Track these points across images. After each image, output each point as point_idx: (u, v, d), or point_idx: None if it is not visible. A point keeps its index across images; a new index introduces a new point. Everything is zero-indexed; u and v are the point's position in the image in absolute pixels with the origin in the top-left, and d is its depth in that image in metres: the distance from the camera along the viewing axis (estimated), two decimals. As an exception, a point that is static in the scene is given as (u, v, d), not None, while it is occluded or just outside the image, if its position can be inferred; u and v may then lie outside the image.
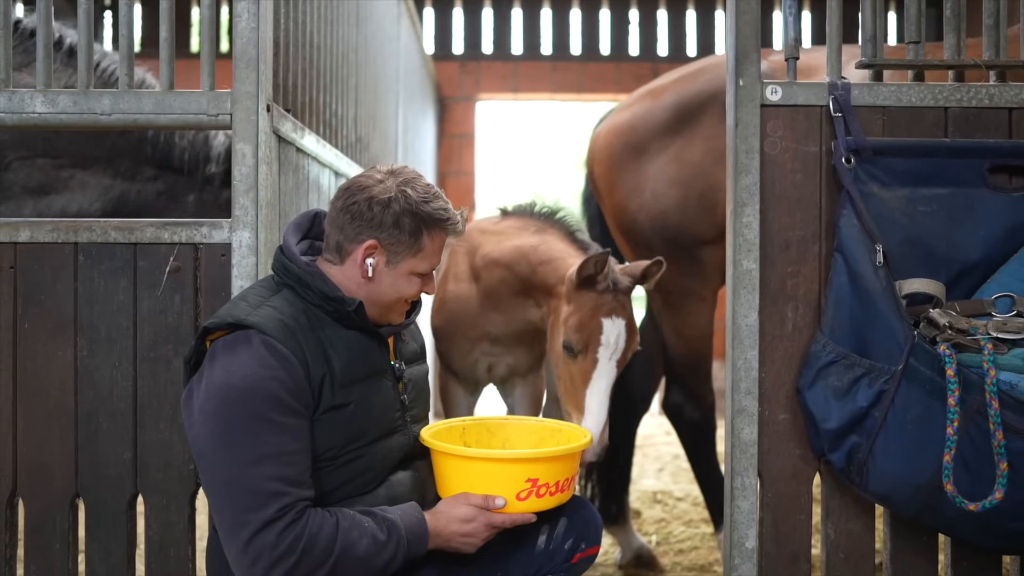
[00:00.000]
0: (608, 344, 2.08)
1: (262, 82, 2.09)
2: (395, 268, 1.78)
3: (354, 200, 1.76)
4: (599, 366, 2.07)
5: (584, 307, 2.10)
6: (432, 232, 1.78)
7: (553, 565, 1.95)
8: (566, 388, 2.10)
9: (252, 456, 1.60)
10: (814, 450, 2.09)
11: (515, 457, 1.81)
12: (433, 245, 1.79)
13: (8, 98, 2.10)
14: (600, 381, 2.07)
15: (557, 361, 2.15)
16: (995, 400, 1.83)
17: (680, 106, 3.07)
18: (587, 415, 2.07)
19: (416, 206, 1.75)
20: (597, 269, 2.10)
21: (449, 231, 1.81)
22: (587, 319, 2.09)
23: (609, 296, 2.12)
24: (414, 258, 1.77)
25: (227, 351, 1.66)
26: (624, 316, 2.12)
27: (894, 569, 2.15)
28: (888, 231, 2.02)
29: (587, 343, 2.08)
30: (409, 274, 1.79)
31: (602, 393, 2.07)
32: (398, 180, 1.77)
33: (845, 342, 1.99)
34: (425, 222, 1.76)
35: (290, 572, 1.58)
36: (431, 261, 1.81)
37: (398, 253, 1.76)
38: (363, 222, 1.74)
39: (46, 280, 2.09)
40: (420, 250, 1.77)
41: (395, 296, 1.80)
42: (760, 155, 2.09)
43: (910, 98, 2.11)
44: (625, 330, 2.12)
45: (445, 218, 1.78)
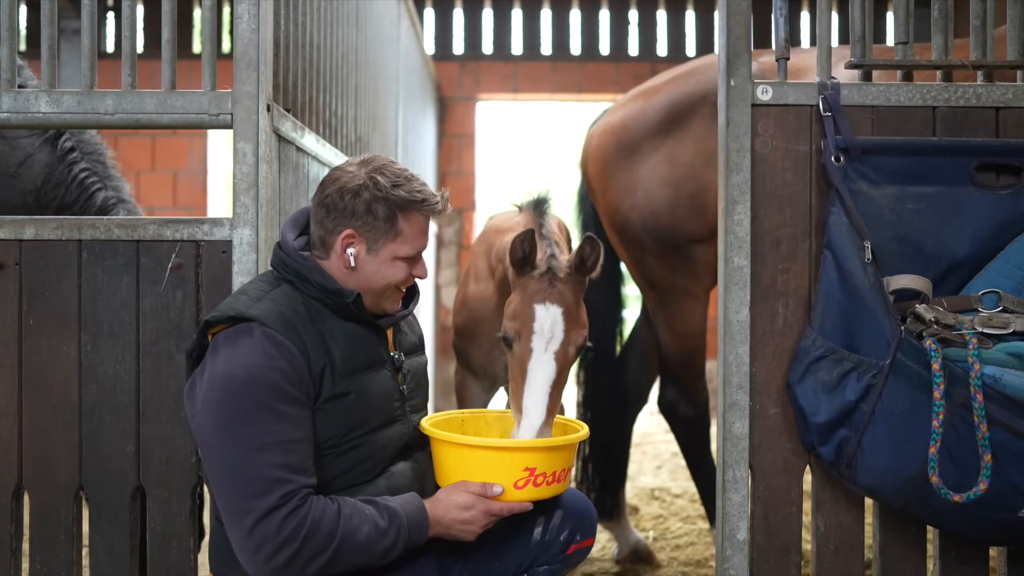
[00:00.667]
0: (542, 332, 1.94)
1: (262, 82, 2.13)
2: (376, 255, 1.80)
3: (327, 193, 1.80)
4: (534, 356, 1.93)
5: (519, 293, 2.01)
6: (408, 215, 1.79)
7: (549, 556, 1.99)
8: (512, 389, 1.99)
9: (255, 444, 1.63)
10: (804, 444, 2.13)
11: (513, 446, 1.85)
12: (412, 228, 1.80)
13: (13, 98, 2.14)
14: (536, 375, 1.91)
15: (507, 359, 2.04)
16: (979, 393, 1.86)
17: (671, 107, 3.11)
18: (523, 416, 1.92)
19: (387, 191, 1.77)
20: (525, 248, 2.00)
21: (427, 212, 1.82)
22: (521, 306, 1.99)
23: (544, 282, 1.99)
24: (394, 243, 1.79)
25: (229, 343, 1.70)
26: (561, 304, 1.96)
27: (883, 561, 2.19)
28: (877, 229, 2.06)
29: (519, 331, 1.96)
30: (392, 259, 1.81)
31: (539, 391, 1.90)
32: (368, 168, 1.80)
33: (834, 337, 2.03)
34: (399, 206, 1.78)
35: (293, 558, 1.62)
36: (414, 244, 1.82)
37: (376, 240, 1.79)
38: (337, 213, 1.78)
39: (50, 277, 2.13)
40: (398, 234, 1.79)
41: (383, 283, 1.82)
42: (751, 154, 2.13)
43: (899, 98, 2.14)
44: (562, 319, 1.95)
45: (420, 199, 1.79)
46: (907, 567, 2.18)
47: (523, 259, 2.02)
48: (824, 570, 2.19)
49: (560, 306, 1.99)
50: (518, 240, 1.99)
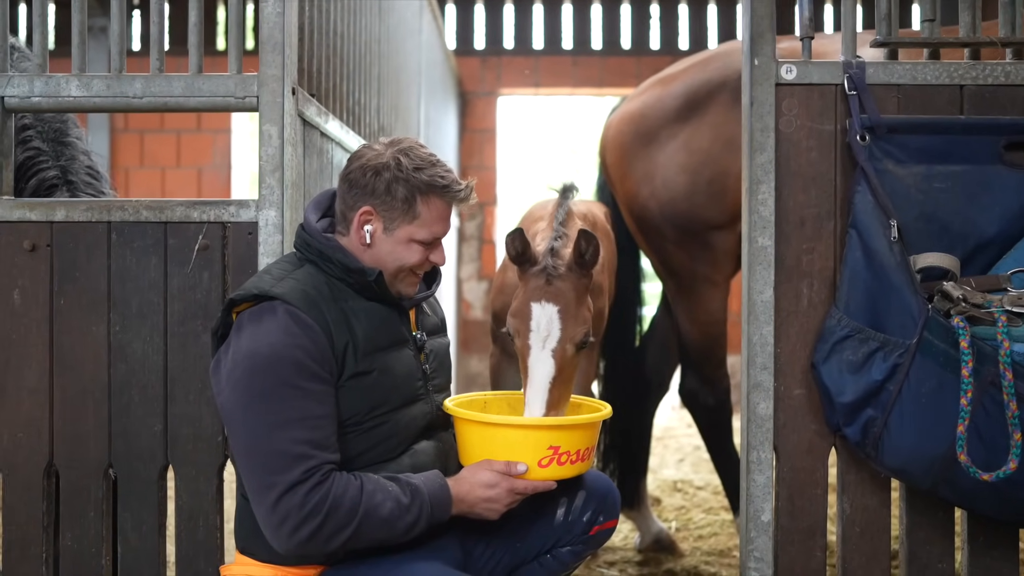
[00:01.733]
0: (538, 330, 1.94)
1: (287, 65, 2.15)
2: (392, 235, 1.80)
3: (351, 169, 1.82)
4: (532, 354, 1.94)
5: (520, 291, 2.03)
6: (427, 199, 1.79)
7: (572, 537, 1.99)
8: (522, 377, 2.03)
9: (279, 420, 1.65)
10: (829, 425, 2.12)
11: (537, 424, 1.85)
12: (430, 212, 1.80)
13: (45, 82, 2.18)
14: (536, 371, 1.93)
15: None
16: (1009, 371, 1.84)
17: (689, 94, 3.10)
18: (525, 410, 1.95)
19: (408, 173, 1.77)
20: (516, 247, 2.00)
21: (448, 199, 1.82)
22: (520, 304, 2.00)
23: (541, 280, 1.97)
24: (410, 225, 1.80)
25: (253, 321, 1.72)
26: (558, 302, 1.96)
27: (910, 544, 2.17)
28: (903, 208, 2.04)
29: (518, 328, 1.98)
30: (408, 241, 1.81)
31: (539, 385, 1.91)
32: (394, 148, 1.81)
33: (860, 316, 2.01)
34: (419, 189, 1.78)
35: (316, 532, 1.63)
36: (431, 228, 1.82)
37: (393, 220, 1.79)
38: (359, 189, 1.79)
39: (80, 258, 2.16)
40: (416, 217, 1.79)
41: (396, 264, 1.82)
42: (775, 133, 2.12)
43: (925, 76, 2.12)
44: (558, 317, 1.94)
45: (441, 185, 1.79)
46: (934, 550, 2.16)
47: (519, 256, 2.03)
48: (849, 553, 2.17)
49: (556, 304, 1.98)
50: (508, 238, 2.00)
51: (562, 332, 1.97)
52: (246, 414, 1.67)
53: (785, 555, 2.17)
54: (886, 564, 2.17)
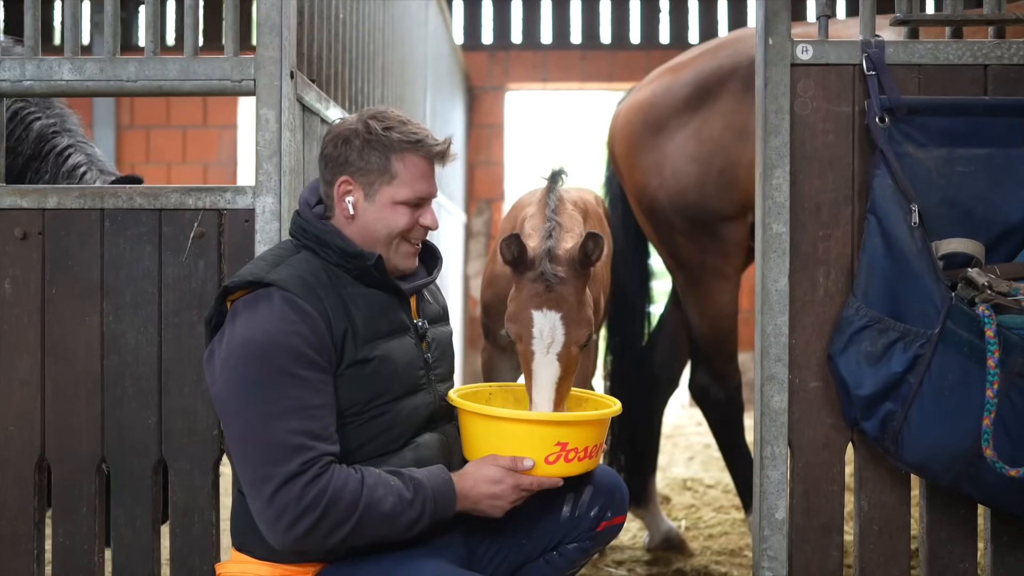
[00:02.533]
0: (541, 338, 1.89)
1: (285, 48, 2.09)
2: (374, 201, 1.75)
3: (324, 145, 1.78)
4: (536, 359, 1.89)
5: (518, 297, 1.94)
6: (402, 156, 1.74)
7: (578, 533, 1.93)
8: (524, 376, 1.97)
9: (275, 410, 1.59)
10: (847, 419, 2.04)
11: (545, 419, 1.79)
12: (408, 171, 1.74)
13: (37, 66, 2.12)
14: (541, 373, 1.88)
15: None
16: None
17: (699, 82, 3.02)
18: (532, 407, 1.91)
19: (378, 134, 1.73)
20: (512, 252, 1.91)
21: (424, 153, 1.76)
22: (519, 310, 1.92)
23: (540, 286, 1.90)
24: (390, 187, 1.74)
25: (248, 309, 1.66)
26: (559, 308, 1.89)
27: (930, 543, 2.09)
28: (924, 193, 1.96)
29: (520, 335, 1.92)
30: (392, 204, 1.75)
31: (545, 386, 1.87)
32: (365, 115, 1.76)
33: (879, 306, 1.94)
34: (392, 148, 1.73)
35: (314, 527, 1.57)
36: (413, 188, 1.75)
37: (372, 184, 1.74)
38: (334, 163, 1.75)
39: (73, 246, 2.10)
40: (394, 177, 1.74)
41: (385, 231, 1.76)
42: (790, 115, 2.04)
43: (947, 55, 2.04)
44: (561, 324, 1.88)
45: (415, 140, 1.74)
46: (956, 550, 2.08)
47: (515, 260, 1.94)
48: (867, 553, 2.09)
49: (558, 311, 1.90)
50: (504, 244, 1.90)
51: (566, 337, 1.90)
52: (241, 404, 1.61)
53: (800, 554, 2.10)
54: (905, 564, 2.09)
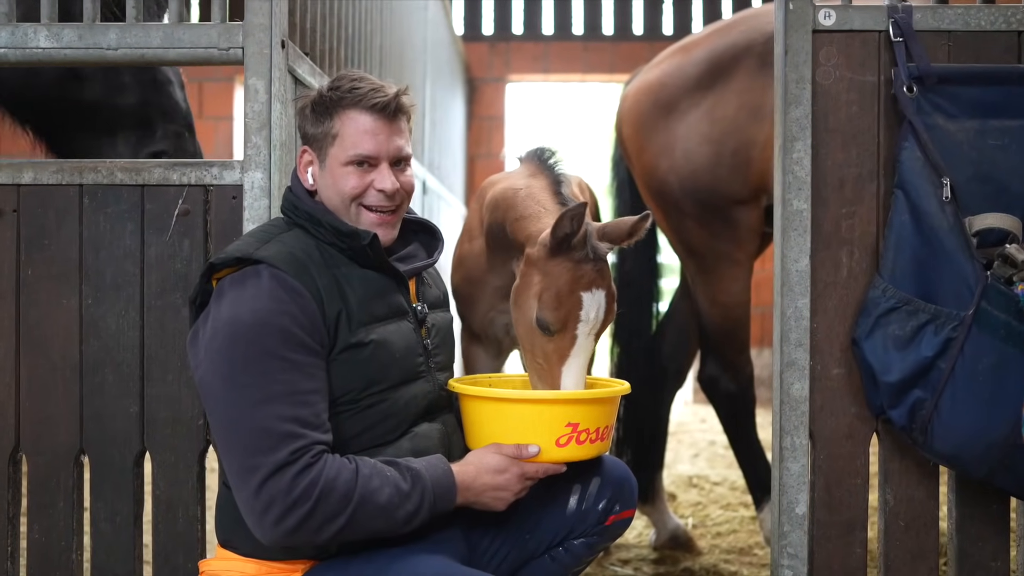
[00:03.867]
0: (588, 320, 1.80)
1: (276, 15, 1.97)
2: (325, 167, 1.67)
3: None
4: (577, 344, 1.80)
5: (560, 280, 1.81)
6: (342, 113, 1.63)
7: (586, 528, 1.83)
8: (538, 365, 1.85)
9: (262, 395, 1.48)
10: (872, 407, 1.92)
11: (555, 398, 1.70)
12: (349, 127, 1.63)
13: (11, 32, 2.00)
14: (577, 358, 1.81)
15: (526, 333, 1.88)
16: (1081, 345, 1.64)
17: (712, 60, 2.91)
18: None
19: (323, 95, 1.64)
20: (574, 227, 1.79)
21: (364, 107, 1.63)
22: (565, 294, 1.80)
23: (588, 265, 1.81)
24: (334, 147, 1.65)
25: (235, 287, 1.55)
26: (604, 287, 1.83)
27: (960, 540, 1.98)
28: (955, 167, 1.85)
29: (565, 321, 1.80)
30: (341, 167, 1.64)
31: (579, 370, 1.81)
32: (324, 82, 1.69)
33: (907, 286, 1.82)
34: (332, 105, 1.63)
35: (305, 520, 1.46)
36: (357, 145, 1.63)
37: (322, 149, 1.66)
38: (300, 136, 1.71)
39: (50, 224, 1.99)
40: (336, 136, 1.64)
41: (338, 198, 1.66)
42: (812, 85, 1.93)
43: (979, 21, 1.93)
44: (604, 302, 1.83)
45: (355, 94, 1.62)
46: (987, 548, 1.97)
47: (566, 238, 1.80)
48: (893, 550, 1.98)
49: (604, 290, 1.84)
50: (568, 216, 1.76)
51: (607, 316, 1.85)
52: (226, 388, 1.50)
53: (821, 551, 1.98)
54: (933, 561, 1.97)
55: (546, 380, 1.82)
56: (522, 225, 1.99)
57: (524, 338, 1.89)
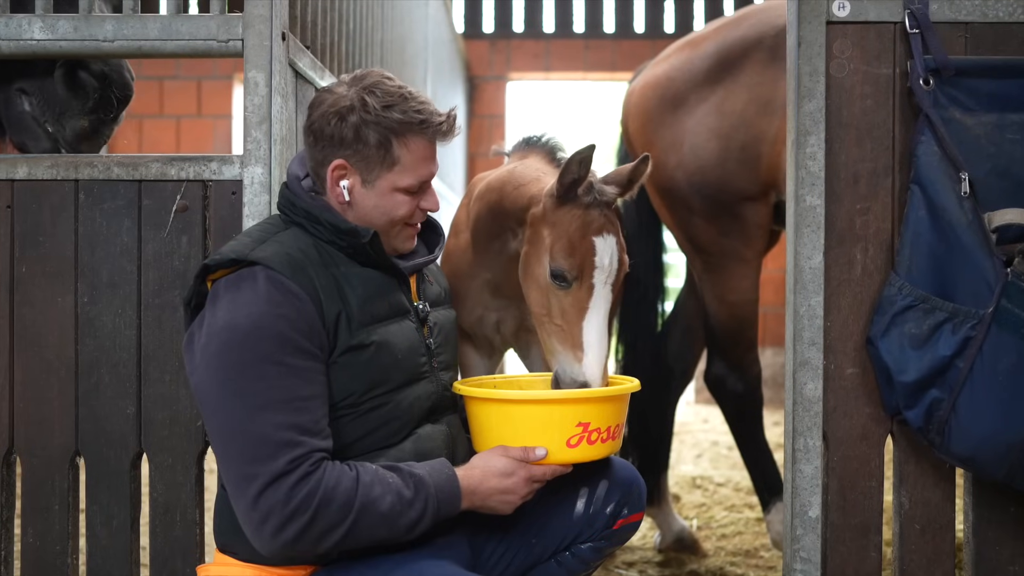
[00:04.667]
0: (603, 266, 1.77)
1: (276, 6, 1.93)
2: (373, 188, 1.60)
3: (312, 118, 1.60)
4: (595, 293, 1.76)
5: (571, 227, 1.78)
6: (405, 139, 1.58)
7: (593, 531, 1.79)
8: (555, 326, 1.80)
9: (260, 402, 1.44)
10: (887, 408, 1.88)
11: (565, 397, 1.65)
12: (411, 155, 1.59)
13: (5, 24, 1.96)
14: (598, 310, 1.76)
15: (541, 296, 1.84)
16: (1105, 343, 1.60)
17: (721, 54, 2.86)
18: (587, 350, 1.74)
19: (377, 113, 1.56)
20: (582, 171, 1.76)
21: (428, 135, 1.60)
22: (577, 240, 1.76)
23: (596, 211, 1.78)
24: (391, 173, 1.59)
25: (230, 290, 1.51)
26: (614, 232, 1.80)
27: (977, 543, 1.93)
28: (972, 162, 1.80)
29: (581, 267, 1.77)
30: (392, 191, 1.60)
31: (601, 324, 1.76)
32: (358, 87, 1.58)
33: (924, 284, 1.78)
34: (393, 130, 1.57)
35: (304, 531, 1.42)
36: (416, 173, 1.61)
37: (371, 170, 1.59)
38: (325, 141, 1.58)
39: (45, 220, 1.95)
40: (395, 163, 1.58)
41: (385, 220, 1.62)
42: (825, 78, 1.88)
43: (997, 12, 1.88)
44: (616, 248, 1.80)
45: (418, 121, 1.58)
46: (1004, 551, 1.92)
47: (573, 184, 1.78)
48: (908, 554, 1.93)
49: (615, 235, 1.80)
50: (576, 159, 1.73)
51: (620, 264, 1.81)
52: (222, 395, 1.46)
53: (835, 555, 1.94)
54: (949, 566, 1.93)
55: (567, 340, 1.77)
56: (523, 191, 1.95)
57: (538, 303, 1.84)
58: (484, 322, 2.31)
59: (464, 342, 2.44)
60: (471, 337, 2.40)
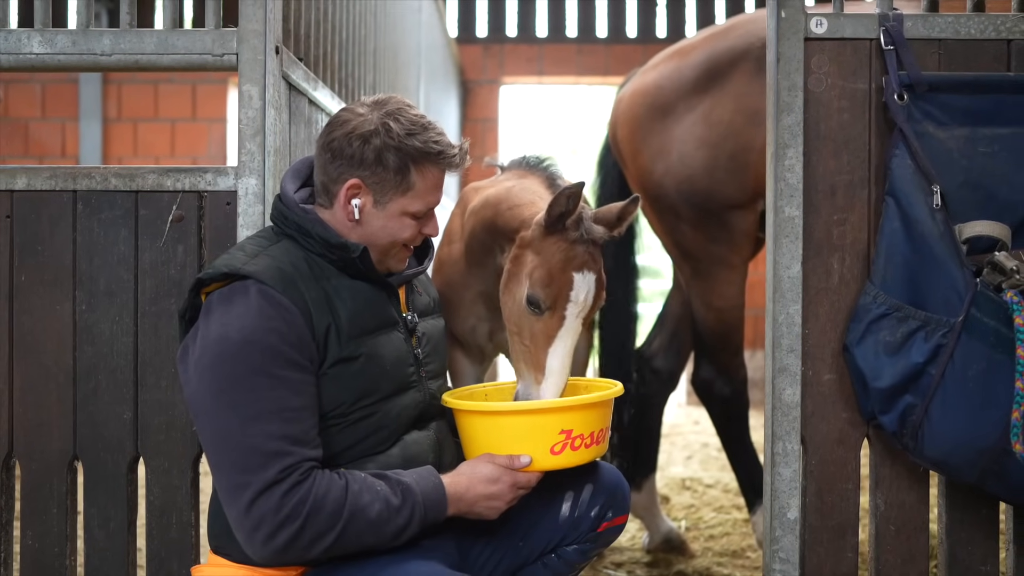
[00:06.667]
0: (577, 301, 1.82)
1: (270, 21, 1.97)
2: (384, 209, 1.65)
3: (333, 136, 1.64)
4: (565, 324, 1.82)
5: (553, 258, 1.84)
6: (421, 168, 1.63)
7: (578, 534, 1.83)
8: (523, 346, 1.87)
9: (251, 413, 1.48)
10: (863, 413, 1.93)
11: (546, 407, 1.70)
12: (425, 182, 1.65)
13: (5, 38, 2.00)
14: (564, 340, 1.82)
15: (514, 315, 1.90)
16: (1069, 351, 1.66)
17: (710, 63, 2.91)
18: (548, 376, 1.81)
19: (400, 140, 1.61)
20: (570, 206, 1.82)
21: (443, 166, 1.66)
22: (557, 272, 1.83)
23: (581, 248, 1.84)
24: (404, 197, 1.64)
25: (223, 303, 1.55)
26: (595, 271, 1.86)
27: (950, 544, 1.99)
28: (945, 174, 1.86)
29: (555, 299, 1.82)
30: (401, 215, 1.66)
31: (565, 353, 1.82)
32: (381, 111, 1.63)
33: (898, 293, 1.83)
34: (412, 157, 1.62)
35: (295, 538, 1.46)
36: (426, 200, 1.66)
37: (385, 192, 1.63)
38: (344, 160, 1.62)
39: (43, 230, 1.99)
40: (410, 188, 1.64)
41: (388, 240, 1.67)
42: (804, 93, 1.94)
43: (969, 30, 1.94)
44: (595, 286, 1.86)
45: (436, 151, 1.63)
46: (976, 551, 1.98)
47: (561, 216, 1.83)
48: (884, 554, 1.99)
49: (595, 273, 1.86)
50: (566, 194, 1.79)
51: (595, 301, 1.87)
52: (215, 406, 1.50)
53: (813, 556, 1.99)
54: (924, 566, 1.99)
55: (531, 362, 1.83)
56: (516, 212, 2.00)
57: (512, 320, 1.90)
58: (477, 332, 2.36)
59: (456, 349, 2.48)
60: (463, 345, 2.44)
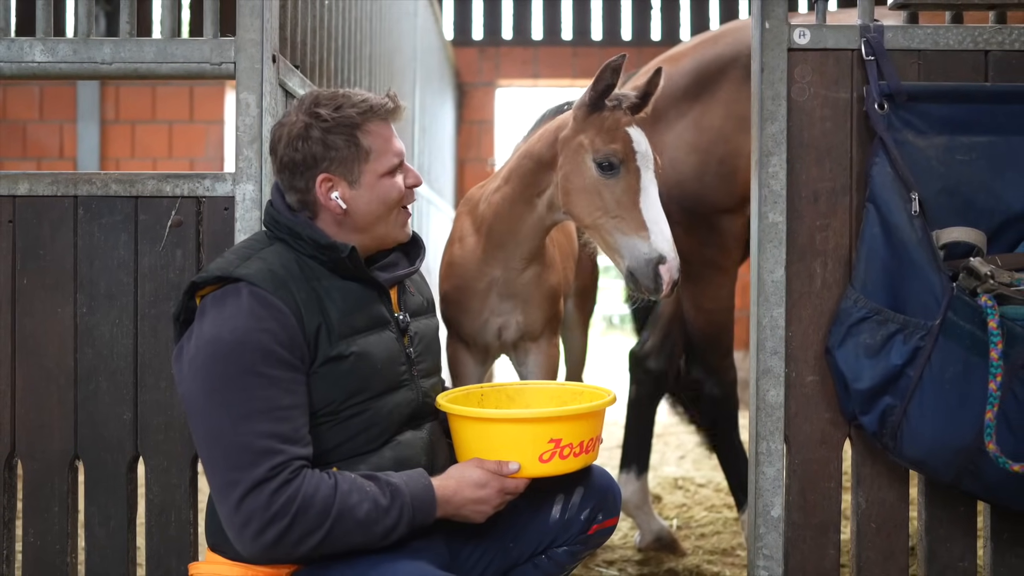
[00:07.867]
0: (643, 152, 1.96)
1: (267, 30, 2.02)
2: (360, 186, 1.69)
3: (279, 154, 1.69)
4: (643, 176, 1.93)
5: (604, 123, 1.96)
6: (366, 129, 1.68)
7: (568, 536, 1.86)
8: (614, 218, 1.94)
9: (242, 412, 1.52)
10: (844, 413, 1.98)
11: (535, 416, 1.72)
12: (377, 139, 1.69)
13: (7, 47, 2.04)
14: (648, 191, 1.91)
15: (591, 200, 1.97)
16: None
17: (700, 70, 2.96)
18: (651, 227, 1.89)
19: (333, 118, 1.65)
20: (614, 78, 1.97)
21: (382, 116, 1.70)
22: (614, 130, 1.96)
23: (620, 112, 1.99)
24: (369, 163, 1.68)
25: (216, 305, 1.59)
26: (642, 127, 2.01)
27: (929, 541, 2.04)
28: (924, 181, 1.91)
29: (624, 154, 1.94)
30: (379, 180, 1.70)
31: (655, 202, 1.91)
32: (303, 108, 1.69)
33: (878, 297, 1.88)
34: (353, 125, 1.67)
35: (283, 535, 1.50)
36: (389, 152, 1.70)
37: (351, 170, 1.68)
38: (301, 166, 1.67)
39: (45, 235, 2.03)
40: (368, 152, 1.68)
41: (383, 207, 1.71)
42: (787, 102, 1.99)
43: (948, 41, 1.99)
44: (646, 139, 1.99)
45: (368, 107, 1.68)
46: (955, 548, 2.03)
47: (606, 90, 1.98)
48: (865, 551, 2.04)
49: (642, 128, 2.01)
50: (610, 67, 1.95)
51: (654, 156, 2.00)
52: (208, 405, 1.54)
53: (796, 552, 2.04)
54: (904, 562, 2.04)
55: (629, 225, 1.92)
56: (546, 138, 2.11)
57: (590, 209, 1.98)
58: (488, 327, 2.38)
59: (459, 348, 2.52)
60: (467, 344, 2.48)
